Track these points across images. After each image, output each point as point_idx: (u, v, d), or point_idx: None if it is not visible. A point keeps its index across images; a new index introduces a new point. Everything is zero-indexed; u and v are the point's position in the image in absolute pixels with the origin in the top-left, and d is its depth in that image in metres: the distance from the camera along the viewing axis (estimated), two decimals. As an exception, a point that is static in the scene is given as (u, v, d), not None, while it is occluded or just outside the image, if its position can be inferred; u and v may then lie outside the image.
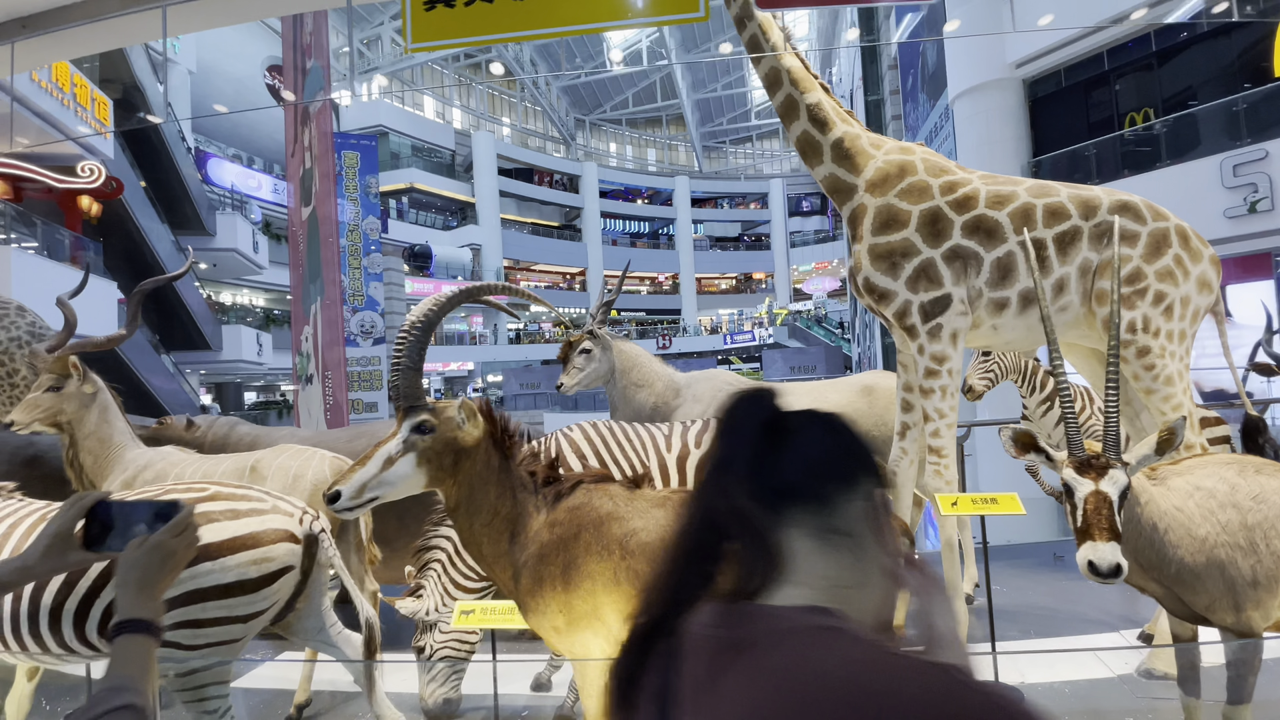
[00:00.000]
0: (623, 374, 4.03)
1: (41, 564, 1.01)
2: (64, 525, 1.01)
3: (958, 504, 2.89)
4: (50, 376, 3.23)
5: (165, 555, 0.94)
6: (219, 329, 21.32)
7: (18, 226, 12.87)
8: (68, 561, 1.03)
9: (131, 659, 0.85)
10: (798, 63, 3.25)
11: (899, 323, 3.06)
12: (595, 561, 1.91)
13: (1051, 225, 2.86)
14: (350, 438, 3.93)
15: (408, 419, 1.90)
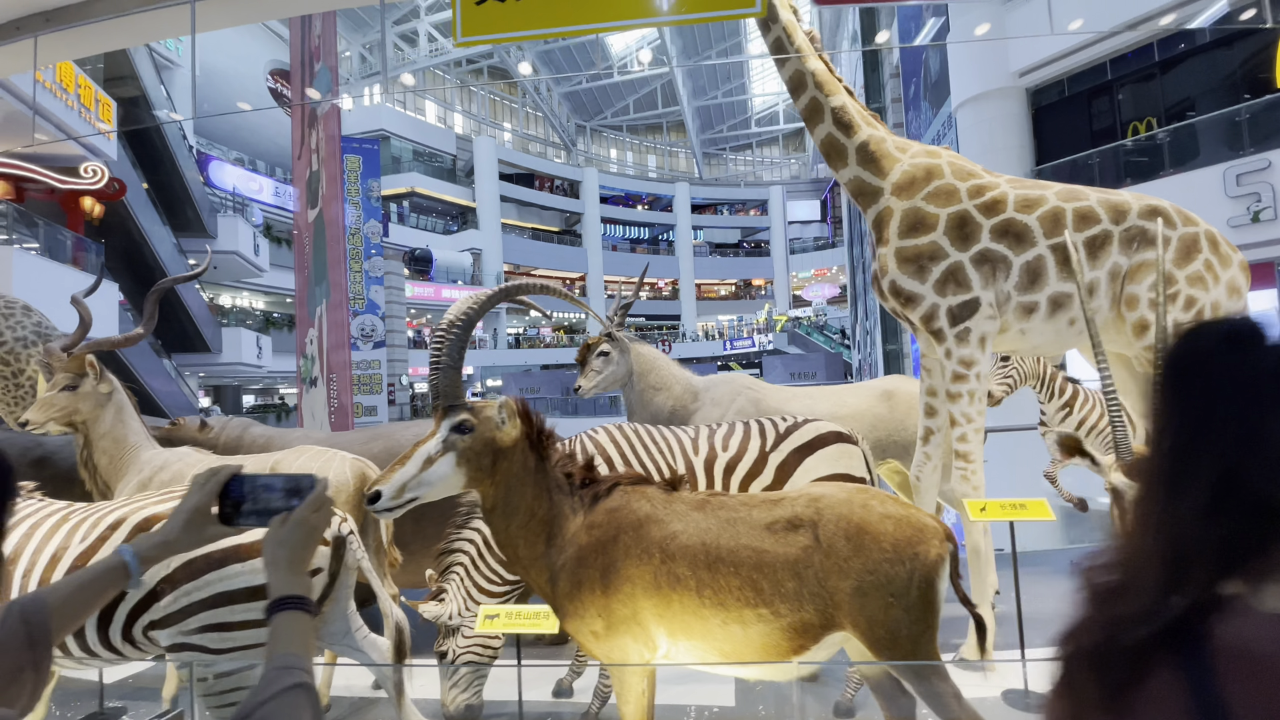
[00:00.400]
0: (640, 377, 4.00)
1: (182, 538, 1.01)
2: (202, 500, 1.01)
3: (986, 509, 2.87)
4: (66, 375, 3.19)
5: (309, 531, 0.94)
6: (219, 331, 21.26)
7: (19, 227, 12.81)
8: (205, 535, 1.02)
9: (294, 636, 0.85)
10: (822, 66, 3.24)
11: (925, 326, 3.04)
12: (634, 565, 1.88)
13: (1081, 229, 2.85)
14: (366, 439, 3.89)
15: (447, 418, 1.87)
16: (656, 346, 4.32)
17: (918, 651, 1.82)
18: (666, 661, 1.94)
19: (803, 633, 1.81)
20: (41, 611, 0.90)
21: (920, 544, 1.82)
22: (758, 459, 2.79)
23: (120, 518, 2.13)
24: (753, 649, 1.83)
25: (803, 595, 1.80)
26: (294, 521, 0.93)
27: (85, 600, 0.98)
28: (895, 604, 1.78)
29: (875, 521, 1.83)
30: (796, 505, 1.90)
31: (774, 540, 1.85)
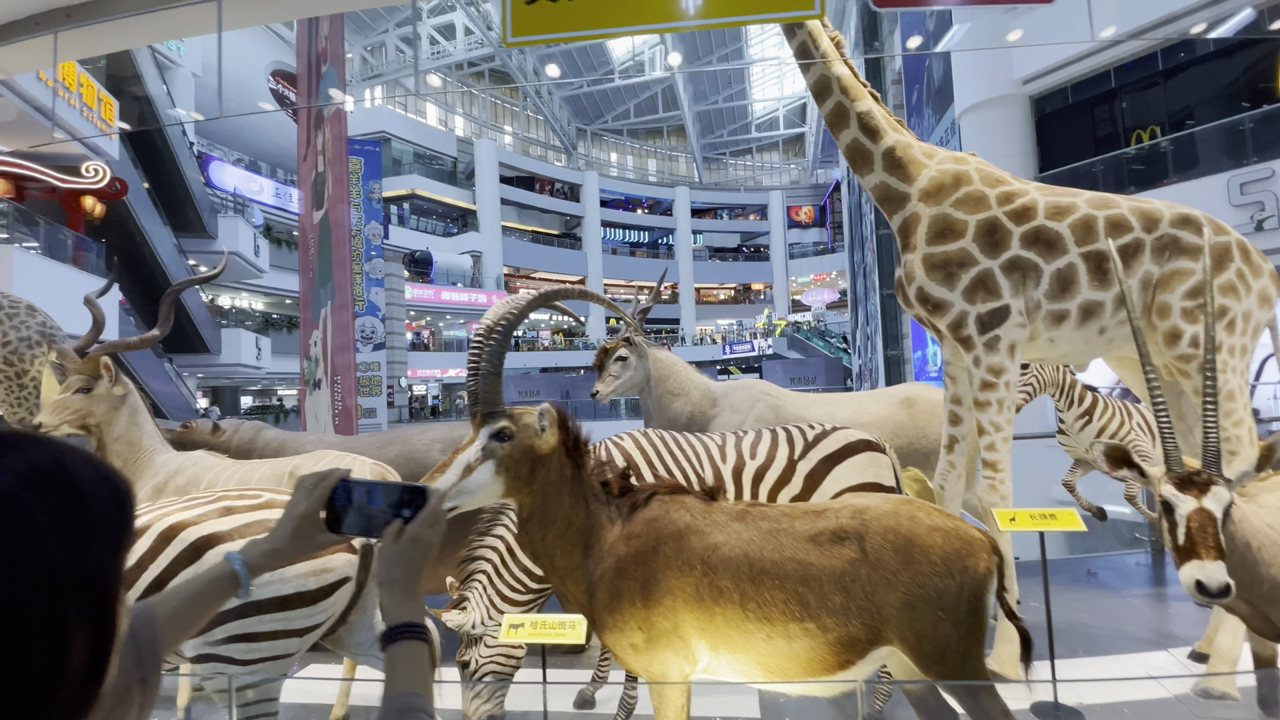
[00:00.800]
0: (658, 382, 3.96)
1: (290, 546, 0.97)
2: (310, 508, 0.96)
3: (1016, 519, 2.84)
4: (80, 377, 3.14)
5: (425, 549, 0.89)
6: (218, 332, 21.15)
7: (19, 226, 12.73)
8: (314, 543, 0.98)
9: (415, 671, 0.80)
10: (847, 71, 3.22)
11: (953, 334, 3.01)
12: (676, 577, 1.84)
13: (1114, 237, 2.82)
14: (381, 444, 3.85)
15: (486, 425, 1.82)
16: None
17: (965, 666, 1.79)
18: (708, 677, 1.89)
19: (849, 647, 1.77)
20: (150, 625, 0.84)
21: (969, 557, 1.78)
22: (786, 467, 2.76)
23: (145, 524, 2.08)
24: (798, 664, 1.79)
25: (850, 609, 1.76)
26: (410, 538, 0.88)
27: (195, 612, 0.92)
28: (944, 618, 1.75)
29: (924, 534, 1.79)
30: (841, 517, 1.86)
31: (819, 553, 1.81)
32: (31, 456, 0.53)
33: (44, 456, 0.54)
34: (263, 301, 28.63)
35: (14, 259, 11.46)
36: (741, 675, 1.86)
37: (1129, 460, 1.92)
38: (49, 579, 0.50)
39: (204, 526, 2.04)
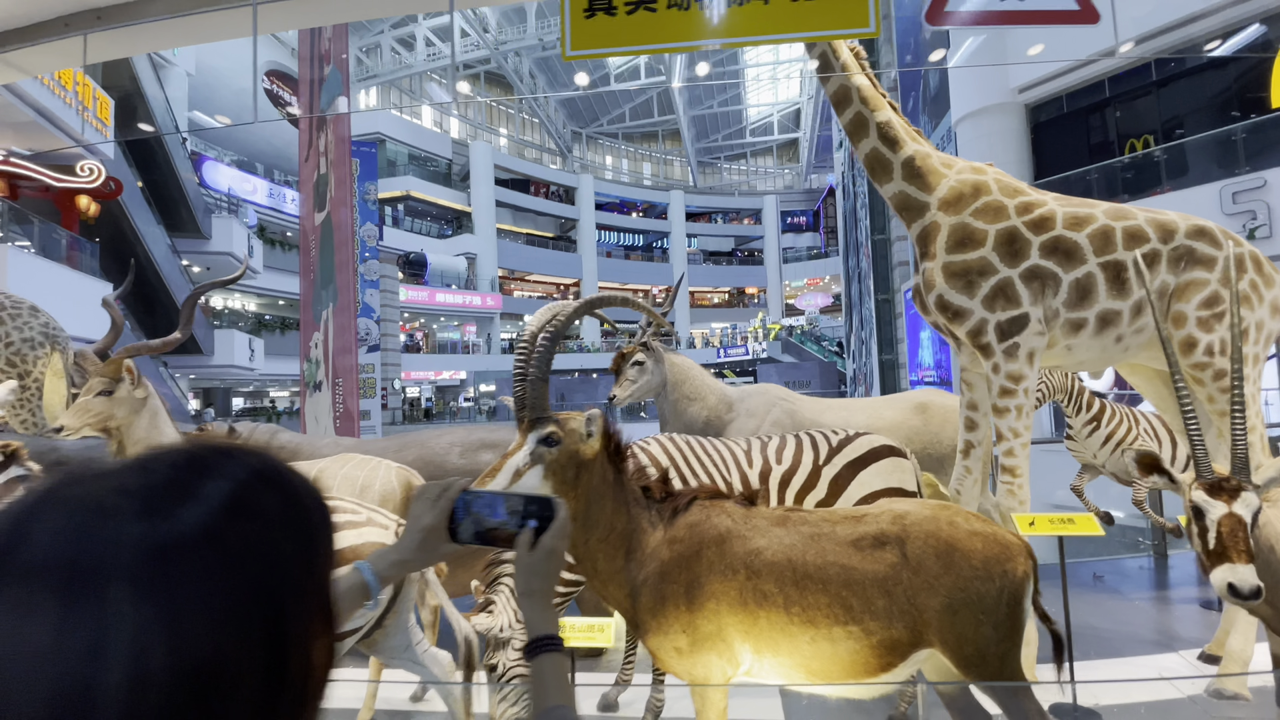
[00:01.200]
0: (674, 387, 3.99)
1: (417, 557, 0.98)
2: (436, 519, 0.96)
3: (1035, 524, 2.89)
4: (102, 380, 3.13)
5: (559, 560, 0.89)
6: (211, 333, 21.00)
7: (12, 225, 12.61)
8: (439, 554, 0.99)
9: (561, 683, 0.80)
10: (866, 81, 3.27)
11: (972, 341, 3.06)
12: (719, 581, 1.87)
13: (1131, 248, 2.89)
14: (399, 447, 3.85)
15: (534, 431, 1.85)
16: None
17: (1004, 668, 1.82)
18: (749, 680, 1.92)
19: (891, 650, 1.80)
20: None
21: (1008, 561, 1.82)
22: (811, 472, 2.79)
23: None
24: (841, 666, 1.82)
25: (892, 612, 1.80)
26: (546, 550, 0.88)
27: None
28: (985, 621, 1.78)
29: (964, 539, 1.83)
30: (881, 522, 1.90)
31: (861, 557, 1.84)
32: (253, 463, 0.53)
33: (263, 463, 0.54)
34: (256, 302, 28.45)
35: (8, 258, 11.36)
36: (784, 677, 1.89)
37: (1159, 467, 1.97)
38: (295, 587, 0.50)
39: (246, 530, 2.05)
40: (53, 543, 0.44)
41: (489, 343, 34.92)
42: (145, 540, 0.45)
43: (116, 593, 0.42)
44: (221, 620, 0.45)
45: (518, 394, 1.90)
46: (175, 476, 0.50)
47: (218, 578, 0.46)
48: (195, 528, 0.47)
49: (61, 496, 0.47)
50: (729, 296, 45.00)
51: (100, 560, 0.43)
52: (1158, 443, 4.12)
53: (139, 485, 0.48)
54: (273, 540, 0.50)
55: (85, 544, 0.44)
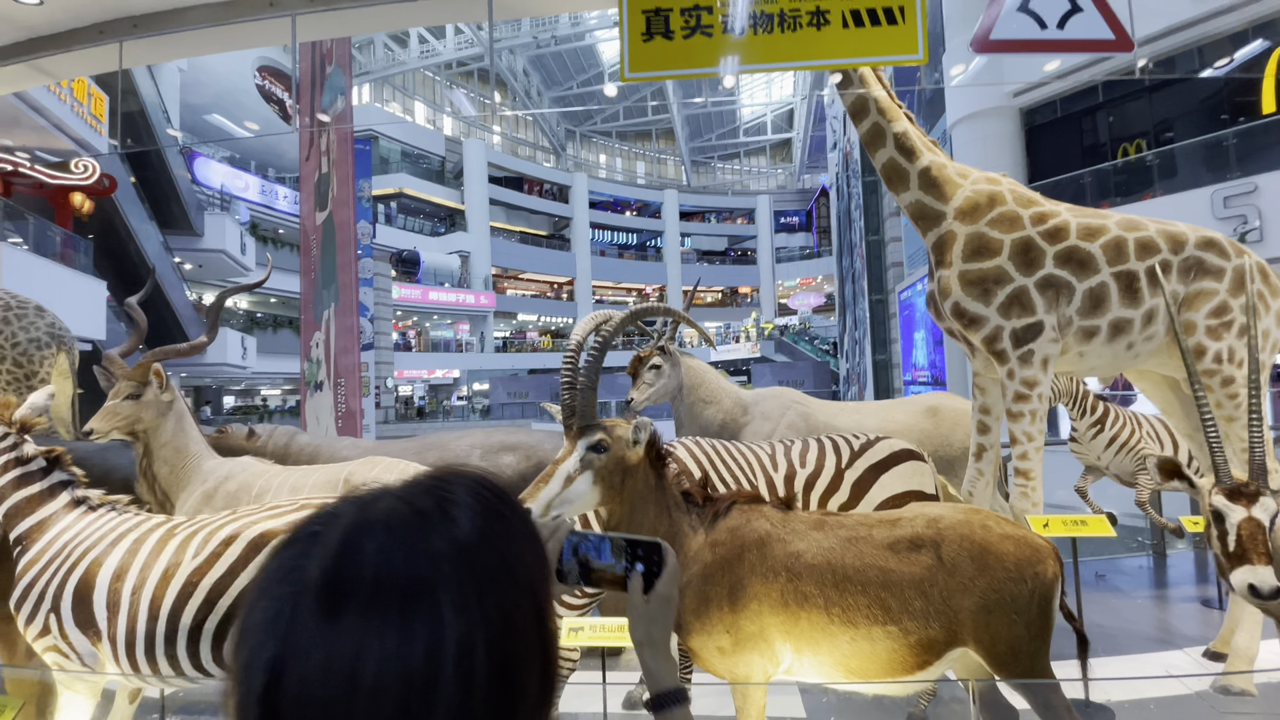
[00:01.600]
0: (690, 390, 4.06)
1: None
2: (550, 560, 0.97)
3: (1049, 525, 2.97)
4: (129, 384, 3.15)
5: (674, 607, 0.88)
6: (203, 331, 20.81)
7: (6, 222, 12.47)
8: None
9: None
10: (884, 93, 3.34)
11: (988, 347, 3.14)
12: (761, 583, 1.93)
13: (1143, 258, 2.98)
14: (419, 449, 3.89)
15: (583, 438, 1.91)
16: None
17: (1035, 665, 1.90)
18: (789, 678, 1.99)
19: (928, 649, 1.88)
20: None
21: (1039, 563, 1.90)
22: (834, 476, 2.86)
23: (234, 533, 2.13)
24: (879, 665, 1.89)
25: (929, 613, 1.87)
26: (662, 598, 0.86)
27: None
28: (1018, 621, 1.86)
29: (996, 542, 1.90)
30: (915, 525, 1.97)
31: (898, 560, 1.91)
32: (477, 479, 0.60)
33: (482, 478, 0.60)
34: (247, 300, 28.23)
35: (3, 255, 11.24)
36: (823, 676, 1.96)
37: (1180, 472, 2.05)
38: (543, 584, 0.57)
39: (294, 534, 2.09)
40: (384, 559, 0.50)
41: (482, 341, 34.84)
42: (453, 551, 0.52)
43: (444, 599, 0.50)
44: (511, 615, 0.53)
45: (566, 402, 1.96)
46: (441, 494, 0.57)
47: (503, 576, 0.54)
48: (476, 535, 0.54)
49: (373, 519, 0.53)
50: (722, 296, 45.12)
51: (427, 572, 0.50)
52: (1160, 445, 4.23)
53: (426, 503, 0.55)
54: (519, 543, 0.57)
55: (412, 558, 0.51)
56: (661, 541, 0.91)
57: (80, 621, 2.09)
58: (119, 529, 2.22)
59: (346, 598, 0.48)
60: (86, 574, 2.12)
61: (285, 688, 0.47)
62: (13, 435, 2.35)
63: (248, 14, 2.73)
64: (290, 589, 0.50)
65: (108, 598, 2.09)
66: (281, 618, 0.49)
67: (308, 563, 0.51)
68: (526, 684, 0.52)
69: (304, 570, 0.51)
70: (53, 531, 2.23)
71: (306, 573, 0.50)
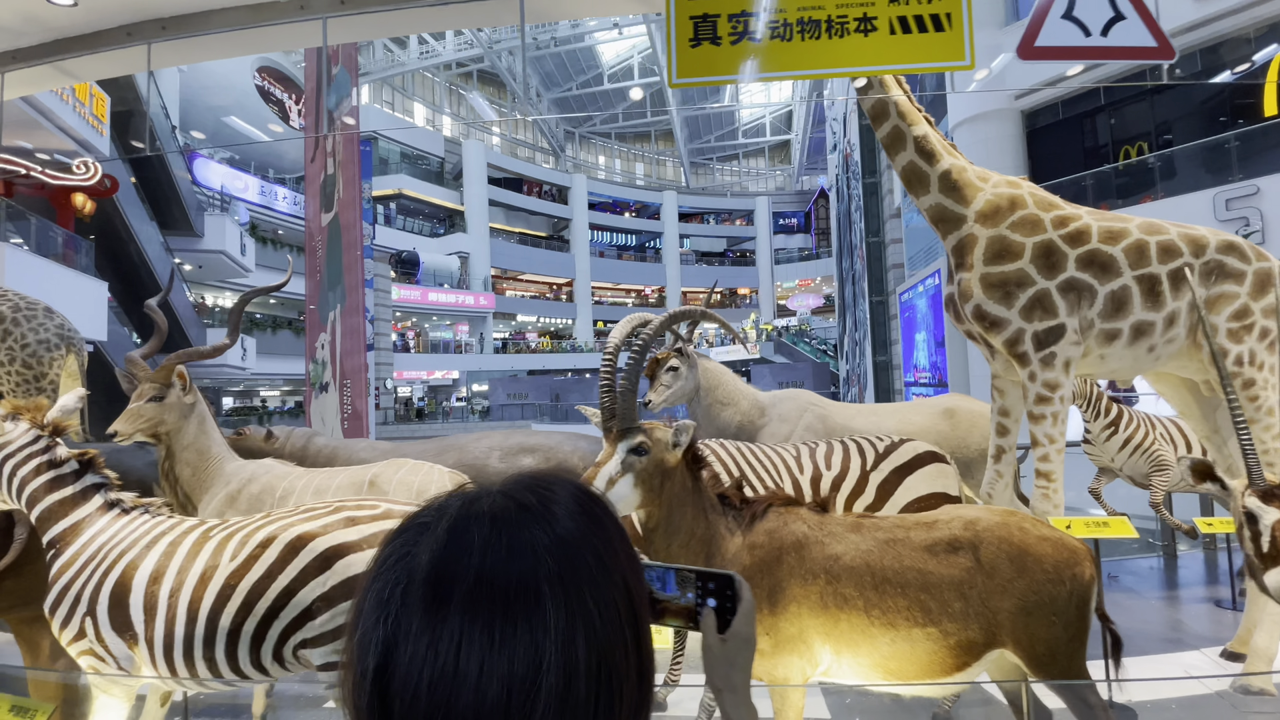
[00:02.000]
0: (708, 391, 4.07)
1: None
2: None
3: (1071, 527, 2.99)
4: (153, 386, 3.15)
5: (753, 648, 0.82)
6: (204, 332, 20.77)
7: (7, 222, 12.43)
8: None
9: None
10: (904, 96, 3.35)
11: (1009, 350, 3.16)
12: (800, 585, 1.94)
13: (1165, 261, 3.00)
14: (438, 451, 3.89)
15: (624, 440, 1.91)
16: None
17: (1072, 666, 1.92)
18: (827, 679, 2.00)
19: (967, 650, 1.89)
20: None
21: (1076, 565, 1.91)
22: (860, 478, 2.88)
23: (270, 535, 2.13)
24: (918, 667, 1.90)
25: (968, 614, 1.88)
26: (741, 638, 0.79)
27: None
28: (1056, 622, 1.87)
29: (1034, 544, 1.92)
30: (953, 527, 1.98)
31: (936, 562, 1.93)
32: (570, 479, 0.61)
33: (574, 479, 0.62)
34: (247, 301, 28.14)
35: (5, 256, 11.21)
36: (861, 677, 1.97)
37: (1212, 474, 2.07)
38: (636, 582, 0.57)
39: (332, 537, 2.09)
40: (489, 550, 0.51)
41: (481, 342, 34.82)
42: (554, 546, 0.53)
43: (547, 590, 0.51)
44: (610, 613, 0.53)
45: (605, 405, 1.97)
46: (543, 492, 0.58)
47: (601, 575, 0.54)
48: (574, 532, 0.55)
49: (478, 511, 0.55)
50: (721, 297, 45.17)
51: (530, 563, 0.51)
52: (1174, 446, 4.25)
53: (528, 499, 0.57)
54: (614, 544, 0.58)
55: (515, 550, 0.52)
56: (735, 575, 0.83)
57: (117, 625, 2.09)
58: (153, 531, 2.22)
59: (452, 586, 0.50)
60: (122, 577, 2.12)
61: (394, 670, 0.48)
62: (45, 438, 2.34)
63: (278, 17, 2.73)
64: (401, 574, 0.51)
65: (144, 601, 2.09)
66: (393, 601, 0.50)
67: (417, 550, 0.52)
68: (624, 688, 0.52)
69: (414, 557, 0.52)
70: (87, 534, 2.23)
71: (416, 560, 0.52)
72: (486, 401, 31.60)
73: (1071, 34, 2.30)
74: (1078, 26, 2.29)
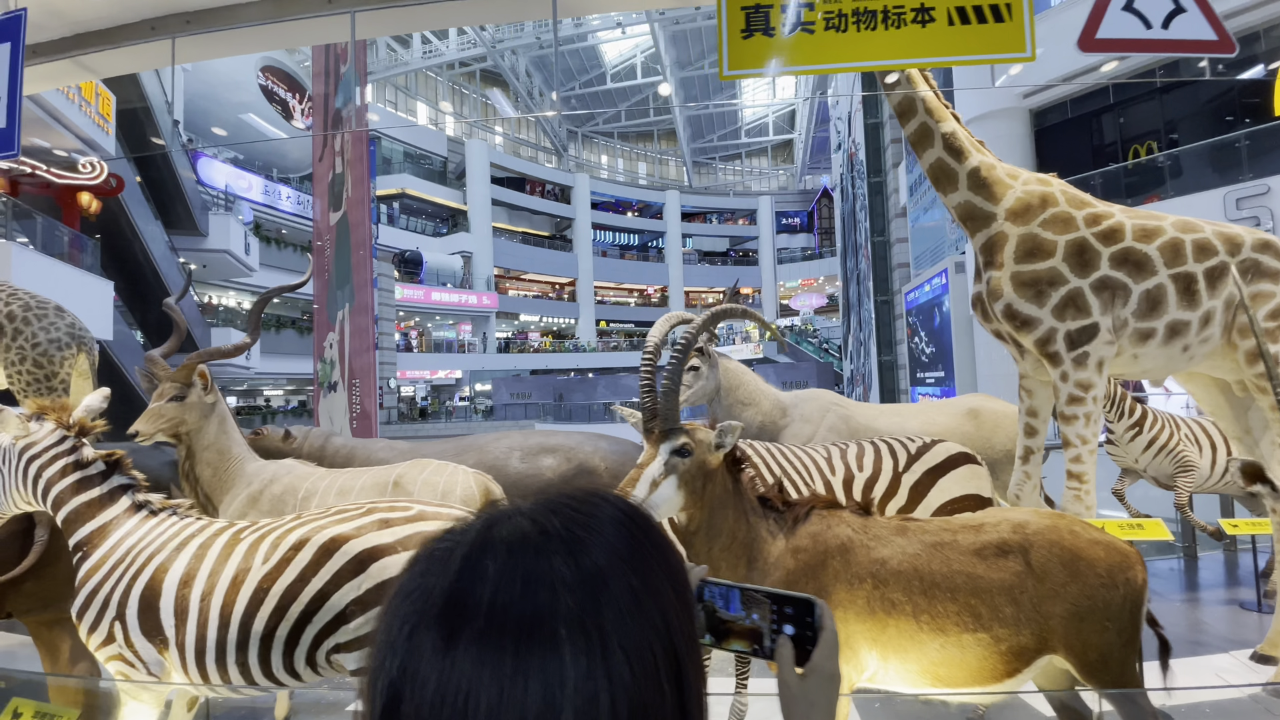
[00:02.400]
0: (728, 392, 4.03)
1: None
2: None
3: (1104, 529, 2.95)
4: (174, 385, 3.11)
5: (838, 682, 0.75)
6: (208, 331, 20.77)
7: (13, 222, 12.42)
8: None
9: None
10: (931, 93, 3.31)
11: (1040, 349, 3.11)
12: (846, 590, 1.90)
13: (1201, 260, 2.95)
14: (457, 451, 3.85)
15: (666, 442, 1.88)
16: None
17: (1124, 672, 1.88)
18: (873, 685, 1.96)
19: (1018, 656, 1.85)
20: None
21: (1129, 569, 1.87)
22: (892, 479, 2.84)
23: (303, 538, 2.09)
24: (968, 672, 1.86)
25: (1020, 620, 1.84)
26: (824, 675, 0.72)
27: None
28: (1110, 628, 1.83)
29: (1086, 548, 1.88)
30: (1001, 531, 1.94)
31: (986, 566, 1.89)
32: (617, 502, 0.56)
33: (622, 501, 0.57)
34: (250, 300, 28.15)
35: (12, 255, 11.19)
36: (908, 684, 1.93)
37: (1263, 476, 2.03)
38: (682, 620, 0.52)
39: (366, 539, 2.05)
40: (502, 584, 0.47)
41: (484, 342, 34.80)
42: (578, 581, 0.48)
43: (564, 634, 0.45)
44: (644, 662, 0.47)
45: (647, 405, 1.93)
46: (572, 515, 0.53)
47: (635, 617, 0.48)
48: (605, 563, 0.49)
49: (497, 537, 0.50)
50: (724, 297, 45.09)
51: (546, 601, 0.46)
52: (1198, 447, 4.21)
53: (552, 524, 0.51)
54: (657, 576, 0.52)
55: (530, 585, 0.47)
56: (816, 600, 0.74)
57: (147, 629, 2.06)
58: (182, 534, 2.18)
59: (464, 624, 0.45)
60: (152, 580, 2.08)
61: (403, 713, 0.45)
62: (71, 438, 2.31)
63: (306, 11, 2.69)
64: (413, 608, 0.48)
65: (175, 604, 2.05)
66: (401, 638, 0.47)
67: (431, 581, 0.49)
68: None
69: (427, 589, 0.48)
70: (115, 537, 2.19)
71: (430, 592, 0.48)
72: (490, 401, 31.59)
73: (1133, 26, 2.26)
74: (1139, 19, 2.25)
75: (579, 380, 32.05)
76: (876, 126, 21.63)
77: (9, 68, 2.35)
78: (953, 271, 13.37)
